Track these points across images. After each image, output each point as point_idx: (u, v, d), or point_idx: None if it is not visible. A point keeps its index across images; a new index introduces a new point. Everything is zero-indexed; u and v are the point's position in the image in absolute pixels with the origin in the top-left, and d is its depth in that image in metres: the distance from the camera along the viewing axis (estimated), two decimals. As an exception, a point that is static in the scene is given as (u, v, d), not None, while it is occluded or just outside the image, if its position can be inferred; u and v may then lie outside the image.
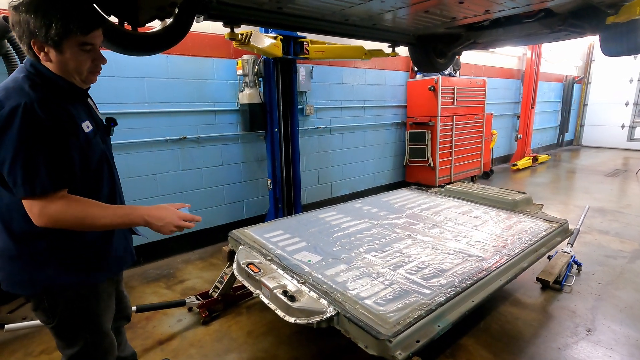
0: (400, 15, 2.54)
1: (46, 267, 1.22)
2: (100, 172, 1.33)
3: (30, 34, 1.11)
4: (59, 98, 1.18)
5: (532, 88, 8.00)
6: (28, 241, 1.20)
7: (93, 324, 1.36)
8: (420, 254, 2.37)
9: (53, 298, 1.26)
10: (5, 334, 2.36)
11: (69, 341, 1.35)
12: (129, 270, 3.43)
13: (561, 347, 2.27)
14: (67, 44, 1.15)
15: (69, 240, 1.24)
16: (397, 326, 1.60)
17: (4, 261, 1.24)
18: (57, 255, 1.23)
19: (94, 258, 1.31)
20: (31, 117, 1.08)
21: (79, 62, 1.19)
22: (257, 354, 2.26)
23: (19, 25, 1.11)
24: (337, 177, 5.23)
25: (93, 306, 1.34)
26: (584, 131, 11.34)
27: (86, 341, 1.35)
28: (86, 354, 1.37)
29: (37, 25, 1.10)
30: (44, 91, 1.14)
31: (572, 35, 2.96)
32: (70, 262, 1.25)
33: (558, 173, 7.59)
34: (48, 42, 1.12)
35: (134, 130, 3.39)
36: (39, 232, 1.18)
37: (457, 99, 5.83)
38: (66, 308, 1.28)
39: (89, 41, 1.18)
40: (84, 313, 1.33)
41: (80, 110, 1.26)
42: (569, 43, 8.78)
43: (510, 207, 3.34)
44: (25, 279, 1.23)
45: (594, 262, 3.38)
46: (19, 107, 1.07)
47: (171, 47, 2.13)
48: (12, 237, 1.20)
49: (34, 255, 1.21)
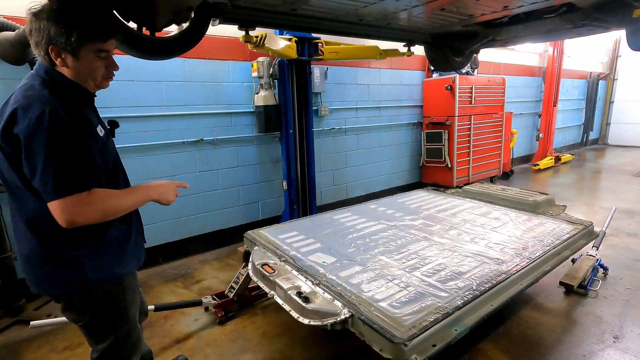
0: (416, 13, 2.51)
1: (75, 268, 1.26)
2: (116, 173, 1.38)
3: (50, 40, 1.15)
4: (76, 103, 1.21)
5: (554, 86, 7.76)
6: (57, 244, 1.24)
7: (123, 318, 1.41)
8: (437, 256, 2.32)
9: (84, 297, 1.30)
10: (31, 330, 2.46)
11: (100, 337, 1.39)
12: (148, 269, 3.51)
13: (586, 355, 2.18)
14: (84, 51, 1.19)
15: (94, 239, 1.28)
16: (413, 329, 1.57)
17: (33, 265, 1.28)
18: (85, 255, 1.27)
19: (118, 253, 1.36)
20: (58, 122, 1.11)
21: (94, 68, 1.24)
22: (272, 354, 2.27)
23: (39, 31, 1.15)
24: (352, 178, 5.20)
25: (121, 300, 1.39)
26: (609, 129, 10.91)
27: (117, 335, 1.40)
28: (117, 347, 1.41)
29: (57, 32, 1.13)
30: (64, 97, 1.18)
31: (596, 30, 2.84)
32: (97, 261, 1.29)
33: (582, 173, 7.32)
34: (67, 48, 1.16)
35: (153, 132, 3.47)
36: (66, 235, 1.22)
37: (475, 97, 5.70)
38: (97, 305, 1.33)
39: (105, 48, 1.23)
40: (114, 308, 1.37)
41: (92, 115, 1.30)
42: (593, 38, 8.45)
43: (532, 208, 3.23)
44: (55, 281, 1.27)
45: (621, 266, 3.24)
46: (44, 113, 1.10)
47: (188, 51, 2.17)
48: (41, 241, 1.24)
49: (63, 257, 1.25)
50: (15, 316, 2.71)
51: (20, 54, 2.52)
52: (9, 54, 2.51)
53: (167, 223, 3.65)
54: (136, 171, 3.34)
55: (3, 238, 2.73)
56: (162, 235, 3.65)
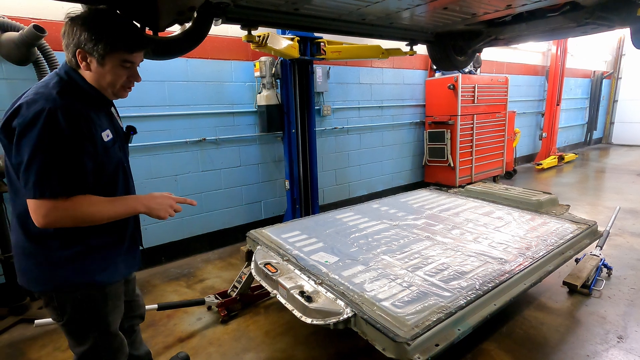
0: (418, 12, 2.50)
1: (58, 266, 1.27)
2: (115, 178, 1.37)
3: (78, 43, 1.20)
4: (85, 106, 1.22)
5: (557, 85, 7.72)
6: (42, 240, 1.25)
7: (101, 324, 1.39)
8: (440, 256, 2.32)
9: (62, 297, 1.30)
10: (35, 329, 2.47)
11: (78, 339, 1.38)
12: (151, 269, 3.53)
13: (590, 355, 2.17)
14: (110, 58, 1.24)
15: (79, 243, 1.28)
16: (416, 329, 1.57)
17: (20, 258, 1.30)
18: (68, 256, 1.27)
19: (103, 261, 1.34)
20: (52, 123, 1.12)
21: (116, 76, 1.28)
22: (275, 353, 2.27)
23: (71, 35, 1.20)
24: (354, 178, 5.20)
25: (101, 307, 1.37)
26: (613, 129, 10.84)
27: (95, 340, 1.38)
28: (95, 352, 1.39)
29: (87, 38, 1.18)
30: (71, 98, 1.19)
31: (600, 29, 2.83)
32: (80, 263, 1.29)
33: (586, 173, 7.28)
34: (93, 54, 1.21)
35: (156, 132, 3.48)
36: (53, 233, 1.23)
37: (478, 97, 5.69)
38: (75, 307, 1.32)
39: (130, 59, 1.28)
40: (92, 313, 1.36)
41: (103, 119, 1.31)
42: (596, 37, 8.41)
43: (535, 208, 3.22)
44: (37, 276, 1.28)
45: (625, 266, 3.22)
46: (42, 112, 1.11)
47: (190, 51, 2.19)
48: (28, 235, 1.25)
49: (47, 254, 1.26)
50: (20, 315, 2.73)
51: (25, 55, 2.53)
52: (13, 54, 2.52)
53: (170, 222, 3.66)
54: (139, 171, 3.35)
55: (7, 237, 2.74)
56: (165, 234, 3.66)
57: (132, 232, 1.46)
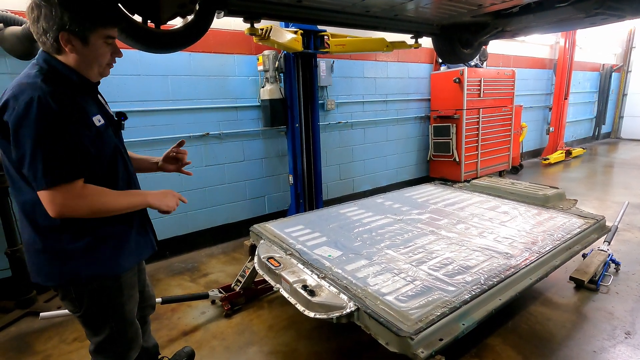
0: (423, 4, 2.47)
1: (71, 259, 1.26)
2: (115, 165, 1.36)
3: (62, 25, 1.15)
4: (72, 91, 1.20)
5: (565, 78, 7.59)
6: (53, 235, 1.25)
7: (118, 314, 1.41)
8: (444, 250, 2.30)
9: (79, 289, 1.31)
10: (41, 321, 2.50)
11: (95, 329, 1.41)
12: (156, 263, 3.54)
13: (597, 351, 2.14)
14: (95, 37, 1.21)
15: (90, 234, 1.28)
16: (419, 323, 1.56)
17: (31, 254, 1.30)
18: (79, 249, 1.26)
19: (114, 250, 1.34)
20: (46, 109, 1.10)
21: (100, 54, 1.26)
22: (278, 347, 2.27)
23: (50, 17, 1.14)
24: (358, 173, 5.17)
25: (117, 296, 1.38)
26: (623, 123, 10.66)
27: (112, 329, 1.41)
28: (112, 341, 1.42)
29: (70, 17, 1.14)
30: (57, 84, 1.17)
31: (610, 20, 2.76)
32: (93, 254, 1.29)
33: (594, 167, 7.18)
34: (77, 33, 1.17)
35: (159, 127, 3.48)
36: (62, 226, 1.23)
37: (484, 90, 5.61)
38: (91, 298, 1.33)
39: (113, 34, 1.26)
40: (109, 303, 1.37)
41: (91, 104, 1.29)
42: (606, 29, 8.25)
43: (541, 202, 3.18)
44: (51, 271, 1.29)
45: (634, 262, 3.17)
46: (32, 101, 1.10)
47: (193, 44, 2.16)
48: (37, 231, 1.25)
49: (59, 248, 1.26)
50: (26, 308, 2.76)
51: (28, 49, 2.53)
52: (17, 48, 2.52)
53: (174, 217, 3.67)
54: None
55: (13, 230, 2.77)
56: (170, 229, 3.67)
57: (139, 222, 1.46)
